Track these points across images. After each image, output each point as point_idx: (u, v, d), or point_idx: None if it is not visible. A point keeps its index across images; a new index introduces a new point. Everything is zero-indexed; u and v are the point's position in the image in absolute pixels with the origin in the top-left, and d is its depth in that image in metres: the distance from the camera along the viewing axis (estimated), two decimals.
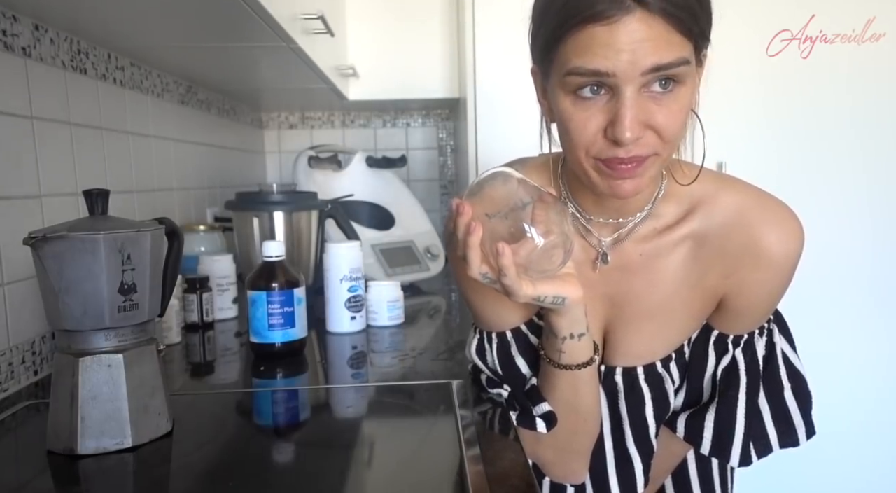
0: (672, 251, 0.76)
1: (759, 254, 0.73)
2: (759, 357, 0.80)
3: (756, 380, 0.80)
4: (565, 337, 0.74)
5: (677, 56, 0.61)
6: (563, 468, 0.85)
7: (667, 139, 0.64)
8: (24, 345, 0.95)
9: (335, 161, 1.88)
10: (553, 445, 0.82)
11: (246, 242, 1.49)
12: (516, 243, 0.65)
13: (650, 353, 0.81)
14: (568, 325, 0.73)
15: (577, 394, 0.78)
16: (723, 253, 0.74)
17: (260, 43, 1.20)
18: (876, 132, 1.65)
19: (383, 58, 1.94)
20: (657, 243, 0.76)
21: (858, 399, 1.72)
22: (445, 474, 0.65)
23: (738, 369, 0.79)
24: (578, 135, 0.65)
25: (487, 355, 0.85)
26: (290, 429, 0.81)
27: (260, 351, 1.06)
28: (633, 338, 0.80)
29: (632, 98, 0.62)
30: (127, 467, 0.68)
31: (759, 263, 0.73)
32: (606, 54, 0.60)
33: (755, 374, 0.80)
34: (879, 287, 1.70)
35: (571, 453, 0.83)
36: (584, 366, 0.76)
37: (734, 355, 0.80)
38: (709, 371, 0.82)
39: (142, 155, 1.37)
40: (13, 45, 0.94)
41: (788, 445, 0.82)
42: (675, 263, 0.76)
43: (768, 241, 0.73)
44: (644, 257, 0.77)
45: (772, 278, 0.75)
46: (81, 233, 0.67)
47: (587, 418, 0.80)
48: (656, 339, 0.80)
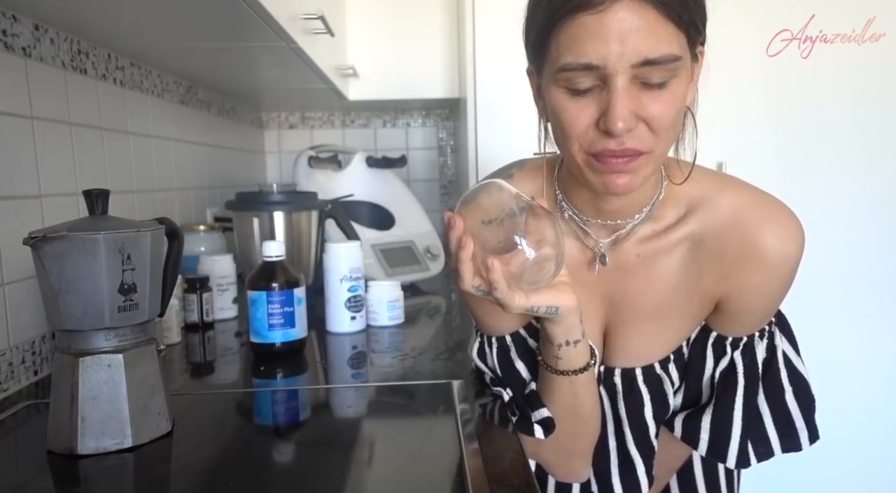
0: (670, 253, 0.76)
1: (756, 256, 0.72)
2: (759, 360, 0.79)
3: (754, 383, 0.80)
4: (561, 344, 0.74)
5: (668, 49, 0.61)
6: (565, 469, 0.85)
7: (658, 132, 0.64)
8: (24, 345, 0.95)
9: (335, 161, 1.88)
10: (554, 447, 0.82)
11: (246, 242, 1.49)
12: (508, 254, 0.65)
13: (648, 354, 0.81)
14: (563, 332, 0.73)
15: (576, 398, 0.78)
16: (721, 255, 0.74)
17: (260, 43, 1.20)
18: (876, 132, 1.65)
19: (383, 58, 1.94)
20: (655, 245, 0.76)
21: (864, 401, 1.72)
22: (445, 474, 0.65)
23: (737, 372, 0.79)
24: (571, 128, 0.65)
25: (488, 359, 0.85)
26: (290, 429, 0.81)
27: (260, 351, 1.06)
28: (631, 339, 0.80)
29: (623, 88, 0.61)
30: (127, 467, 0.68)
31: (756, 265, 0.73)
32: (596, 45, 0.60)
33: (753, 377, 0.79)
34: (880, 287, 1.70)
35: (572, 454, 0.83)
36: (581, 371, 0.76)
37: (732, 357, 0.79)
38: (707, 373, 0.81)
39: (142, 155, 1.37)
40: (13, 45, 0.94)
41: (791, 449, 0.81)
42: (673, 264, 0.76)
43: (766, 243, 0.72)
44: (642, 259, 0.77)
45: (770, 281, 0.74)
46: (81, 233, 0.67)
47: (587, 420, 0.80)
48: (654, 340, 0.80)
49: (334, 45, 1.63)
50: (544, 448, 0.82)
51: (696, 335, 0.82)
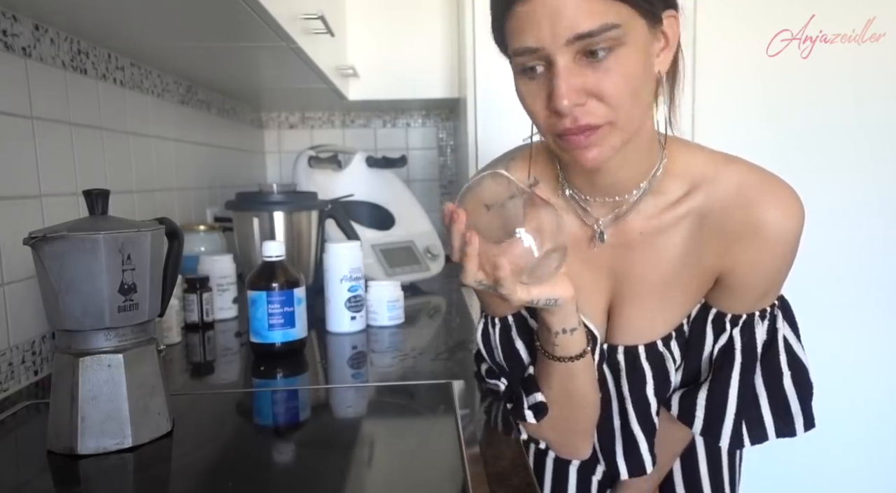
0: (674, 229, 0.76)
1: (757, 231, 0.73)
2: (759, 341, 0.80)
3: (752, 362, 0.80)
4: (558, 332, 0.75)
5: (601, 22, 0.61)
6: (566, 447, 0.87)
7: (613, 105, 0.64)
8: (24, 345, 0.95)
9: (335, 161, 1.88)
10: (553, 427, 0.84)
11: (246, 242, 1.49)
12: (510, 247, 0.66)
13: (651, 331, 0.81)
14: (560, 321, 0.74)
15: (573, 382, 0.79)
16: (723, 230, 0.74)
17: (260, 43, 1.20)
18: (876, 132, 1.65)
19: (383, 58, 1.94)
20: (659, 221, 0.77)
21: (867, 401, 1.72)
22: (445, 474, 0.65)
23: (734, 349, 0.79)
24: (532, 112, 0.68)
25: (491, 339, 0.86)
26: (290, 429, 0.81)
27: (260, 351, 1.06)
28: (634, 316, 0.81)
29: (565, 67, 0.63)
30: (127, 467, 0.68)
31: (756, 238, 0.73)
32: (531, 29, 0.63)
33: (751, 356, 0.79)
34: (881, 287, 1.70)
35: (572, 434, 0.85)
36: (578, 358, 0.77)
37: (731, 334, 0.79)
38: (706, 351, 0.81)
39: (142, 155, 1.37)
40: (13, 45, 0.94)
41: (786, 434, 0.82)
42: (677, 240, 0.76)
43: (768, 218, 0.72)
44: (645, 235, 0.77)
45: (769, 257, 0.74)
46: (81, 233, 0.67)
47: (584, 405, 0.82)
48: (657, 317, 0.81)
49: (334, 45, 1.63)
50: (545, 428, 0.84)
51: (697, 312, 0.82)
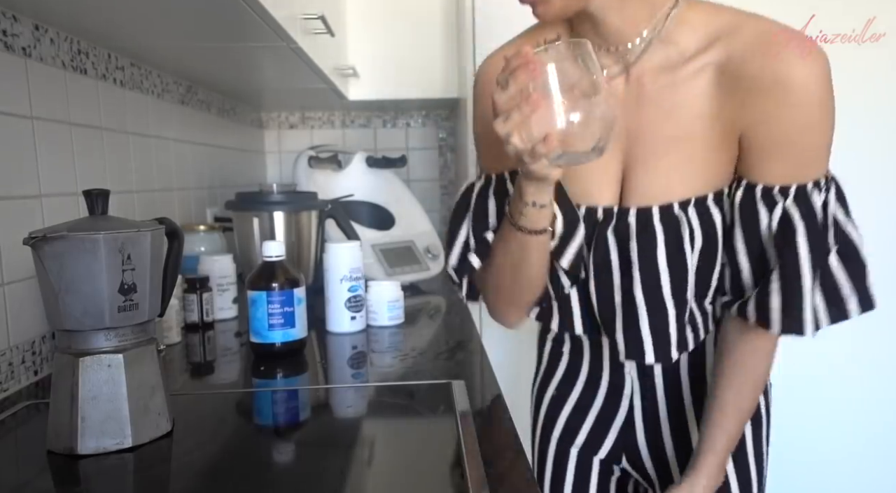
0: (691, 81, 0.75)
1: (775, 79, 0.71)
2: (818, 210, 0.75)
3: (816, 230, 0.75)
4: (528, 203, 0.75)
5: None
6: (498, 314, 0.91)
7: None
8: (24, 345, 0.95)
9: (335, 161, 1.88)
10: (494, 290, 0.88)
11: (246, 242, 1.49)
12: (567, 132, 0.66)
13: (666, 192, 0.78)
14: (534, 194, 0.74)
15: (524, 255, 0.80)
16: (741, 78, 0.72)
17: (260, 43, 1.20)
18: (876, 132, 1.64)
19: (383, 58, 1.94)
20: (674, 75, 0.76)
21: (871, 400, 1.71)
22: (445, 474, 0.65)
23: (793, 220, 0.75)
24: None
25: (473, 192, 0.89)
26: (290, 429, 0.81)
27: (260, 351, 1.06)
28: (649, 175, 0.79)
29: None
30: (127, 467, 0.68)
31: (775, 88, 0.71)
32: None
33: (813, 223, 0.75)
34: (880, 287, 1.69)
35: (508, 303, 0.88)
36: (537, 233, 0.78)
37: (785, 205, 0.75)
38: (763, 230, 0.77)
39: (142, 155, 1.37)
40: (13, 45, 0.94)
41: (839, 318, 0.79)
42: (693, 94, 0.75)
43: (789, 68, 0.70)
44: (659, 88, 0.76)
45: (793, 107, 0.71)
46: (81, 233, 0.67)
47: (530, 281, 0.84)
48: (673, 176, 0.78)
49: (334, 45, 1.63)
50: (487, 288, 0.88)
51: (743, 194, 0.78)
